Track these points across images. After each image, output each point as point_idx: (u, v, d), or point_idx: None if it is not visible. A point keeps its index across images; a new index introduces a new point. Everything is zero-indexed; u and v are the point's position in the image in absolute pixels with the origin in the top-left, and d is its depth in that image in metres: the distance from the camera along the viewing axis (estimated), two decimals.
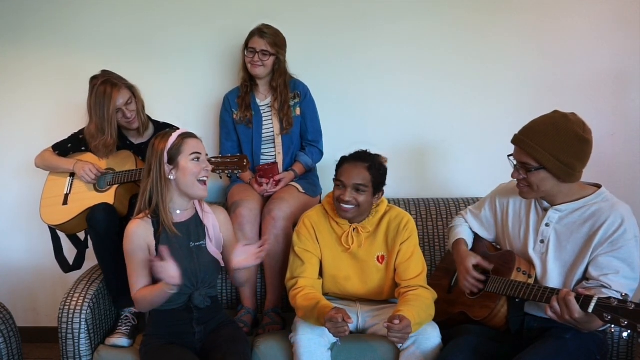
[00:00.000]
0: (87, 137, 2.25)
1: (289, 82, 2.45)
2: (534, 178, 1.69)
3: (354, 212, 1.95)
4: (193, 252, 1.86)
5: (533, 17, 2.60)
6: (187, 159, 1.80)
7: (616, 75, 2.61)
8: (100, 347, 2.05)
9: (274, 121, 2.46)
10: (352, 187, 1.92)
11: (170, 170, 1.80)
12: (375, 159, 1.97)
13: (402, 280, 1.95)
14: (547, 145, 1.65)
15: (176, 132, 1.83)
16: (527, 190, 1.74)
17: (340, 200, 1.94)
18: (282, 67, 2.43)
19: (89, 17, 2.68)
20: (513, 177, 1.75)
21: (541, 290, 1.62)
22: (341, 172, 1.96)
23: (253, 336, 2.09)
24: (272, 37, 2.37)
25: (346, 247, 2.01)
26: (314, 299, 1.86)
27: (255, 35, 2.37)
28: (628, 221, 1.65)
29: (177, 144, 1.80)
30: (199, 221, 1.90)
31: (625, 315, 1.37)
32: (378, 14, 2.63)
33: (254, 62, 2.37)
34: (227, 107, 2.51)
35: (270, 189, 2.36)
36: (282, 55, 2.42)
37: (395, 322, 1.65)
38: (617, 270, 1.63)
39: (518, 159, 1.72)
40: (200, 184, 1.83)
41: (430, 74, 2.66)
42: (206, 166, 1.84)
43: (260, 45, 2.36)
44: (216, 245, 1.90)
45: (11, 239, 2.85)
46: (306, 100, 2.47)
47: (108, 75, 2.22)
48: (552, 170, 1.66)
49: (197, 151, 1.82)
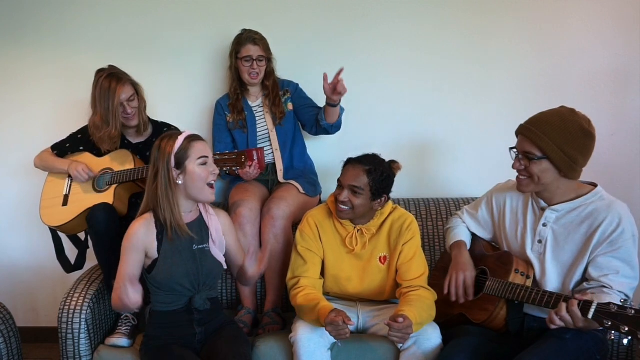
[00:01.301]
0: (91, 128, 2.25)
1: (278, 84, 2.50)
2: (536, 168, 1.68)
3: (348, 213, 1.96)
4: (196, 254, 1.85)
5: (533, 18, 2.60)
6: (195, 163, 1.78)
7: (616, 75, 2.61)
8: (100, 347, 2.05)
9: (266, 117, 2.47)
10: (348, 188, 1.93)
11: (178, 175, 1.78)
12: (379, 164, 1.95)
13: (404, 280, 1.95)
14: (552, 135, 1.64)
15: (182, 135, 1.80)
16: (526, 182, 1.73)
17: (337, 199, 1.96)
18: (272, 67, 2.48)
19: (89, 18, 2.68)
20: (514, 167, 1.74)
21: (540, 294, 1.62)
22: (342, 172, 1.98)
23: (253, 336, 2.08)
24: (263, 42, 2.41)
25: (350, 249, 2.01)
26: (314, 300, 1.86)
27: (247, 43, 2.38)
28: (626, 220, 1.65)
29: (184, 147, 1.77)
30: (203, 224, 1.89)
31: (626, 322, 1.37)
32: (377, 14, 2.63)
33: (254, 70, 2.39)
34: (219, 112, 2.52)
35: (253, 170, 2.25)
36: (271, 56, 2.46)
37: (399, 321, 1.66)
38: (617, 270, 1.63)
39: (521, 148, 1.71)
40: (209, 188, 1.81)
41: (430, 74, 2.66)
42: (214, 170, 1.82)
43: (256, 52, 2.38)
44: (219, 248, 1.89)
45: (11, 239, 2.85)
46: (297, 93, 2.51)
47: (114, 69, 2.24)
48: (555, 160, 1.65)
49: (205, 155, 1.80)
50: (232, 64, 2.45)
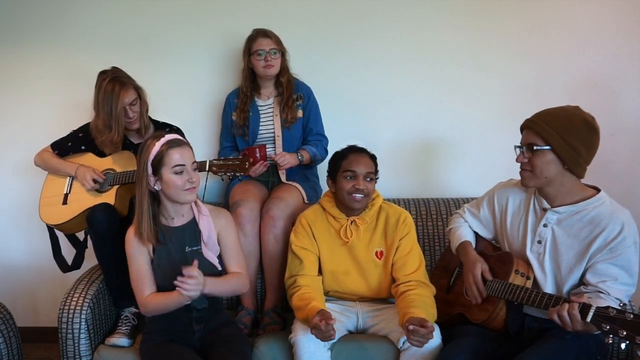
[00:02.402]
0: (93, 132, 2.24)
1: (292, 82, 2.47)
2: (539, 160, 1.68)
3: (364, 201, 2.00)
4: (188, 257, 1.85)
5: (533, 18, 2.60)
6: (170, 171, 1.77)
7: (616, 75, 2.61)
8: (100, 347, 2.05)
9: (274, 120, 2.45)
10: (364, 176, 1.97)
11: (155, 181, 1.79)
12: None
13: (401, 275, 1.96)
14: (555, 126, 1.66)
15: (161, 141, 1.78)
16: (529, 175, 1.73)
17: (355, 189, 1.97)
18: (286, 64, 2.45)
19: (90, 17, 2.68)
20: (518, 160, 1.75)
21: (539, 296, 1.62)
22: (350, 162, 1.99)
23: (253, 336, 2.09)
24: (274, 36, 2.39)
25: (345, 240, 2.02)
26: (307, 300, 1.86)
27: (259, 37, 2.37)
28: (628, 227, 1.64)
29: (160, 155, 1.76)
30: (195, 225, 1.89)
31: (624, 326, 1.37)
32: (378, 14, 2.63)
33: (268, 62, 2.36)
34: (226, 109, 2.52)
35: (259, 168, 2.27)
36: (284, 51, 2.43)
37: (427, 325, 1.65)
38: (615, 277, 1.63)
39: (525, 140, 1.73)
40: (186, 192, 1.80)
41: (431, 74, 2.66)
42: (190, 177, 1.79)
43: (268, 45, 2.36)
44: (212, 250, 1.89)
45: (11, 239, 2.85)
46: (309, 103, 2.47)
47: (117, 72, 2.22)
48: (558, 150, 1.65)
49: (180, 163, 1.77)
50: (245, 64, 2.43)
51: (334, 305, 2.00)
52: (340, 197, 2.02)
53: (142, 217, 1.79)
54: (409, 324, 1.67)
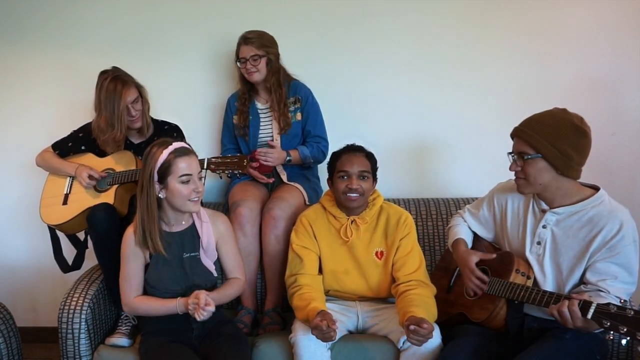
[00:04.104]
0: (95, 131, 2.25)
1: (284, 82, 2.43)
2: (531, 168, 1.68)
3: (360, 200, 2.00)
4: (185, 262, 1.86)
5: (533, 18, 2.60)
6: (177, 180, 1.77)
7: (616, 75, 2.61)
8: (100, 347, 2.05)
9: (273, 124, 2.45)
10: (357, 175, 1.97)
11: (161, 189, 1.79)
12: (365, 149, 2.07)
13: (401, 274, 1.96)
14: (543, 133, 1.65)
15: (169, 149, 1.78)
16: (523, 183, 1.73)
17: (349, 189, 1.97)
18: (274, 67, 2.40)
19: (91, 18, 2.68)
20: (511, 169, 1.75)
21: (540, 294, 1.62)
22: (343, 163, 2.00)
23: (253, 336, 2.09)
24: (257, 40, 2.35)
25: (345, 240, 2.02)
26: (307, 300, 1.87)
27: (241, 45, 2.37)
28: (627, 226, 1.64)
29: (167, 163, 1.76)
30: (195, 231, 1.89)
31: (624, 323, 1.37)
32: (378, 14, 2.63)
33: (249, 70, 2.36)
34: (227, 111, 2.52)
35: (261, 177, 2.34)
36: (272, 54, 2.39)
37: (424, 326, 1.65)
38: (615, 276, 1.63)
39: (516, 149, 1.73)
40: (191, 202, 1.81)
41: (430, 74, 2.66)
42: (196, 187, 1.80)
43: (248, 52, 2.35)
44: (209, 257, 1.90)
45: (11, 239, 2.85)
46: (308, 105, 2.45)
47: (118, 72, 2.22)
48: (549, 157, 1.65)
49: (187, 173, 1.78)
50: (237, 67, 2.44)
51: (334, 305, 2.00)
52: (337, 198, 2.03)
53: (152, 227, 1.79)
54: (409, 323, 1.67)
